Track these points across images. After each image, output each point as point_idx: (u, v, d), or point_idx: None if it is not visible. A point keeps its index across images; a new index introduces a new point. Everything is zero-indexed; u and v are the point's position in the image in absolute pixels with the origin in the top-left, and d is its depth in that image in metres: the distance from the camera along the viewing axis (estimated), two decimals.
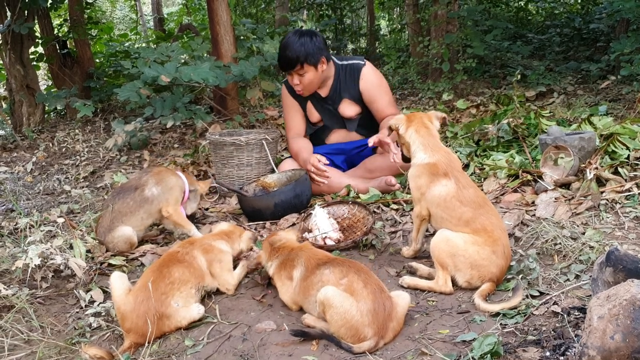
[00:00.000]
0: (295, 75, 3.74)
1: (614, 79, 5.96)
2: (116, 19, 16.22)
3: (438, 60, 6.65)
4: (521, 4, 11.61)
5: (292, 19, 9.96)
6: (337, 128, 4.06)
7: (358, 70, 3.89)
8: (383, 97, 3.90)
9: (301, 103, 4.01)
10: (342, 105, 3.95)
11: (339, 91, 3.92)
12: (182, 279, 2.36)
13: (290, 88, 3.98)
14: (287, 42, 3.69)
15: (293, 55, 3.65)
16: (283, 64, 3.73)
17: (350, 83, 3.90)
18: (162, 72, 4.55)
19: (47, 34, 6.56)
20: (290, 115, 4.06)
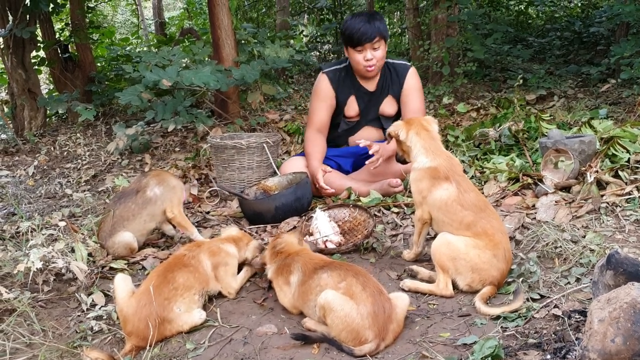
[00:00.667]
0: (369, 50, 3.71)
1: (614, 82, 5.97)
2: (117, 23, 16.26)
3: (438, 64, 6.66)
4: (521, 7, 11.64)
5: (293, 23, 9.99)
6: (370, 125, 4.05)
7: (405, 71, 3.95)
8: (417, 102, 3.95)
9: (342, 97, 3.95)
10: (385, 101, 3.96)
11: (385, 87, 3.94)
12: (186, 285, 2.36)
13: (334, 78, 3.93)
14: (362, 18, 3.68)
15: (374, 26, 3.64)
16: (360, 36, 3.65)
17: (396, 81, 3.93)
18: (163, 76, 4.56)
19: (49, 38, 6.58)
20: (320, 106, 3.97)
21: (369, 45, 3.69)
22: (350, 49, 3.76)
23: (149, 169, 4.76)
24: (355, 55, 3.75)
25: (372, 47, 3.70)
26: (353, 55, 3.76)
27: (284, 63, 5.78)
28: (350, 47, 3.75)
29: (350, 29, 3.68)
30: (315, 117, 3.99)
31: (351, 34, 3.68)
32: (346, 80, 3.95)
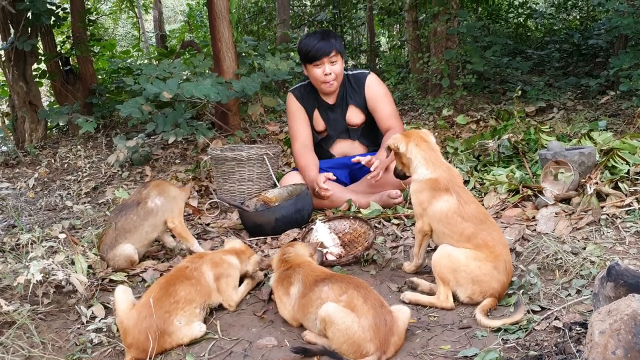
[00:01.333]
0: (327, 65, 3.78)
1: (613, 94, 5.99)
2: (118, 36, 16.33)
3: (438, 76, 6.69)
4: (520, 20, 11.71)
5: (293, 36, 10.04)
6: (341, 138, 4.09)
7: (363, 79, 4.00)
8: (387, 106, 3.99)
9: (308, 110, 4.04)
10: (349, 112, 4.01)
11: (345, 98, 4.00)
12: (187, 299, 2.36)
13: (298, 95, 4.03)
14: (314, 35, 3.82)
15: (328, 42, 3.75)
16: (317, 51, 3.74)
17: (356, 91, 3.99)
18: (164, 88, 4.59)
19: (50, 50, 6.61)
20: (297, 123, 4.06)
21: (326, 60, 3.78)
22: (308, 65, 3.84)
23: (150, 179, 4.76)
24: (314, 70, 3.84)
25: (329, 61, 3.78)
26: (312, 71, 3.85)
27: (284, 75, 5.81)
28: (308, 63, 3.82)
29: (307, 46, 3.79)
30: (296, 134, 4.06)
31: (308, 50, 3.79)
32: (310, 95, 4.05)
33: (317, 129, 4.08)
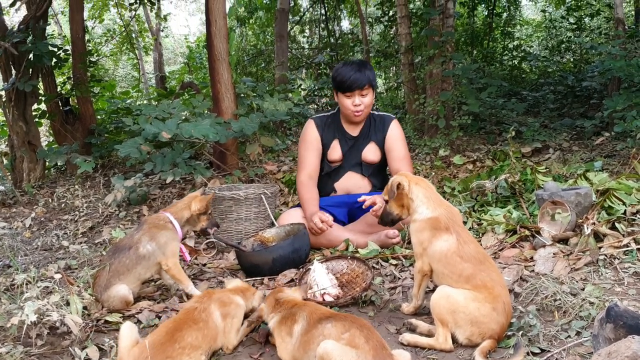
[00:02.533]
0: (357, 97, 3.85)
1: (608, 135, 6.05)
2: (118, 77, 16.54)
3: (434, 117, 6.76)
4: (515, 62, 11.91)
5: (292, 77, 10.19)
6: (353, 171, 4.11)
7: (389, 121, 4.13)
8: (402, 149, 4.09)
9: (327, 140, 4.08)
10: (368, 147, 4.07)
11: (368, 134, 4.06)
12: (193, 345, 2.30)
13: (320, 123, 4.09)
14: (352, 66, 3.87)
15: (364, 74, 3.83)
16: (352, 83, 3.82)
17: (379, 130, 4.08)
18: (163, 128, 4.62)
19: (51, 91, 6.68)
20: (309, 151, 4.10)
21: (358, 92, 3.85)
22: (340, 94, 3.93)
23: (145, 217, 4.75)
24: (345, 100, 3.91)
25: (360, 93, 3.85)
26: (342, 100, 3.92)
27: (283, 116, 5.88)
28: (340, 92, 3.90)
29: (342, 76, 3.85)
30: (305, 163, 4.08)
31: (342, 81, 3.86)
32: (332, 125, 4.10)
33: (331, 158, 4.10)
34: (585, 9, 12.08)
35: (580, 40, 11.04)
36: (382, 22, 12.48)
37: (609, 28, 12.09)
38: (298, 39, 14.83)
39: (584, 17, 12.14)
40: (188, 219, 3.30)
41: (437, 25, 7.03)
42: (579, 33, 11.96)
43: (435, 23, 7.05)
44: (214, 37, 5.57)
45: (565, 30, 13.00)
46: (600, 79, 8.06)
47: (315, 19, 14.60)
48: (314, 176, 4.08)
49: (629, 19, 12.83)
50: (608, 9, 12.01)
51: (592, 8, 12.14)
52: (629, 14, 13.24)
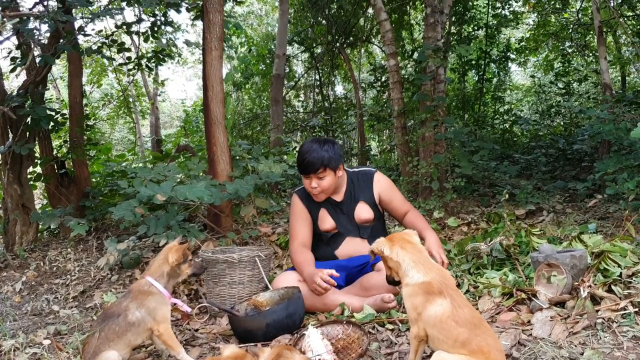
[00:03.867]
0: (314, 179, 3.87)
1: (600, 197, 6.10)
2: (115, 140, 16.72)
3: (427, 179, 6.82)
4: (506, 126, 12.13)
5: (287, 140, 10.32)
6: (351, 236, 4.09)
7: (371, 176, 4.13)
8: (397, 195, 4.15)
9: (313, 211, 4.07)
10: (358, 208, 4.05)
11: (354, 194, 4.07)
12: None
13: (303, 195, 4.09)
14: (310, 147, 3.88)
15: (317, 158, 3.83)
16: (305, 166, 3.85)
17: (364, 187, 4.08)
18: (158, 190, 4.64)
19: (47, 154, 6.72)
20: (298, 223, 4.09)
21: (313, 175, 3.87)
22: (300, 174, 3.98)
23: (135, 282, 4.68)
24: (304, 180, 4.00)
25: (317, 176, 3.88)
26: (303, 179, 4.01)
27: (277, 177, 5.91)
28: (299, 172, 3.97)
29: (300, 157, 3.92)
30: (296, 233, 4.09)
31: (299, 163, 3.95)
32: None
33: (324, 227, 4.08)
34: (573, 75, 12.43)
35: (570, 105, 11.31)
36: (374, 87, 12.81)
37: (597, 93, 12.42)
38: (293, 103, 15.14)
39: (572, 83, 12.48)
40: (169, 272, 3.24)
41: (429, 90, 7.20)
42: (568, 97, 12.26)
43: (427, 88, 7.22)
44: (210, 102, 5.68)
45: (554, 94, 13.34)
46: (591, 142, 8.21)
47: (309, 84, 14.97)
48: (306, 244, 4.07)
49: (616, 84, 13.21)
50: (595, 74, 12.37)
51: (580, 74, 12.50)
52: (615, 80, 13.63)
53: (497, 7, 12.48)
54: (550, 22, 13.25)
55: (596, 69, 11.55)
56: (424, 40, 7.49)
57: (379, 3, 7.99)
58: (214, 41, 5.70)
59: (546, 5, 12.55)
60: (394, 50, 7.97)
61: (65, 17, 5.49)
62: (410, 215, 4.08)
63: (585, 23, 11.86)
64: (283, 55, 10.30)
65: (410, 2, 12.29)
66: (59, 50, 5.95)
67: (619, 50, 13.25)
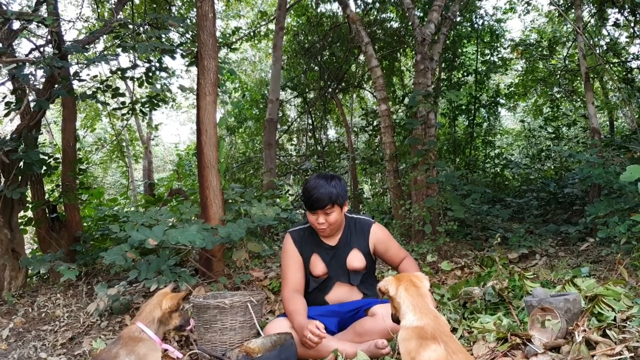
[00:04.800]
0: (321, 215, 3.82)
1: (592, 241, 6.11)
2: (107, 184, 16.71)
3: (420, 222, 6.83)
4: (497, 170, 12.24)
5: (279, 183, 10.34)
6: (341, 281, 4.04)
7: (368, 226, 4.07)
8: (393, 245, 4.10)
9: (305, 254, 4.01)
10: (350, 255, 4.00)
11: (349, 241, 4.02)
12: None
13: (296, 237, 4.04)
14: (318, 183, 3.84)
15: (325, 194, 3.78)
16: (313, 202, 3.80)
17: (360, 236, 4.04)
18: (149, 235, 4.61)
19: (39, 198, 6.69)
20: (290, 266, 4.02)
21: (320, 211, 3.84)
22: (306, 210, 3.92)
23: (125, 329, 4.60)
24: (310, 216, 3.92)
25: (324, 212, 3.85)
26: (309, 215, 3.94)
27: (270, 221, 5.90)
28: (306, 209, 3.92)
29: (306, 193, 3.88)
30: (288, 277, 4.01)
31: (306, 199, 3.88)
32: (309, 238, 4.06)
33: (315, 272, 4.02)
34: (562, 120, 12.64)
35: (559, 149, 11.45)
36: (366, 131, 12.95)
37: (586, 137, 12.60)
38: (286, 146, 15.25)
39: (562, 127, 12.67)
40: (160, 318, 3.20)
41: (420, 134, 7.29)
42: (557, 142, 12.43)
43: (418, 132, 7.31)
44: (204, 145, 5.71)
45: (544, 139, 13.52)
46: (581, 186, 8.28)
47: (302, 128, 15.12)
48: (299, 289, 4.00)
49: (605, 128, 13.43)
50: (584, 119, 12.57)
51: (569, 118, 12.71)
52: (604, 124, 13.86)
53: (486, 54, 12.77)
54: (538, 68, 13.54)
55: (584, 113, 11.75)
56: (415, 86, 7.62)
57: (370, 50, 8.15)
58: (208, 86, 5.78)
59: (534, 52, 12.85)
60: (385, 96, 8.10)
61: (61, 62, 5.57)
62: (404, 262, 4.04)
63: (573, 69, 12.13)
64: (276, 100, 10.44)
65: (401, 50, 12.55)
66: (53, 95, 6.00)
67: (606, 96, 13.52)
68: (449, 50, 11.78)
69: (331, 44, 12.60)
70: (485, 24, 12.61)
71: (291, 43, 13.38)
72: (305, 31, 13.16)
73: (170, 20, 6.57)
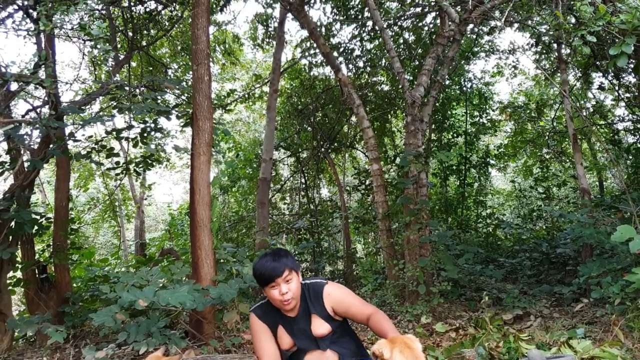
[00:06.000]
0: (282, 284, 3.72)
1: (587, 301, 6.08)
2: (98, 244, 16.57)
3: (414, 282, 6.78)
4: (489, 230, 12.27)
5: (272, 242, 10.29)
6: (311, 350, 3.95)
7: (321, 290, 3.91)
8: (354, 302, 3.90)
9: (272, 328, 3.92)
10: (313, 323, 3.89)
11: (308, 309, 3.91)
12: None
13: (260, 313, 3.93)
14: (267, 258, 3.76)
15: (280, 263, 3.70)
16: (270, 273, 3.68)
17: (316, 302, 3.91)
18: (140, 296, 4.56)
19: (29, 258, 6.62)
20: (261, 341, 3.89)
21: (280, 280, 3.77)
22: (265, 288, 3.82)
23: None
24: (271, 292, 3.79)
25: (284, 280, 3.77)
26: (269, 293, 3.80)
27: None
28: (264, 286, 3.82)
29: (260, 269, 3.78)
30: (262, 353, 3.87)
31: (262, 273, 3.77)
32: (271, 312, 3.94)
33: (284, 347, 3.91)
34: (552, 180, 12.78)
35: (550, 209, 11.53)
36: (359, 190, 13.03)
37: (576, 197, 12.72)
38: (279, 205, 15.28)
39: (552, 187, 12.80)
40: None
41: (412, 193, 7.34)
42: (548, 202, 12.52)
43: (410, 192, 7.37)
44: (197, 205, 5.73)
45: (535, 199, 13.62)
46: (573, 246, 8.30)
47: (295, 187, 15.19)
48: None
49: (594, 189, 13.57)
50: (573, 179, 12.73)
51: (559, 179, 12.85)
52: (593, 184, 14.03)
53: (475, 116, 13.04)
54: (527, 130, 13.80)
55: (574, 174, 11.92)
56: (406, 146, 7.74)
57: (361, 112, 8.32)
58: (203, 146, 5.85)
59: (522, 114, 13.14)
60: (377, 155, 8.20)
61: (57, 123, 5.64)
62: (374, 318, 3.76)
63: (561, 131, 12.37)
64: (270, 159, 10.54)
65: (391, 111, 12.81)
66: (48, 155, 6.05)
67: (594, 157, 13.74)
68: (439, 112, 12.04)
69: (324, 105, 12.85)
70: (473, 86, 12.93)
71: (285, 104, 13.64)
72: (299, 93, 13.44)
73: (166, 82, 6.72)
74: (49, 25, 4.69)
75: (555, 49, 9.51)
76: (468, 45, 11.92)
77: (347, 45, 11.69)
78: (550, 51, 10.51)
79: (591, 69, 10.57)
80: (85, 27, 5.01)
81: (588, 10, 4.57)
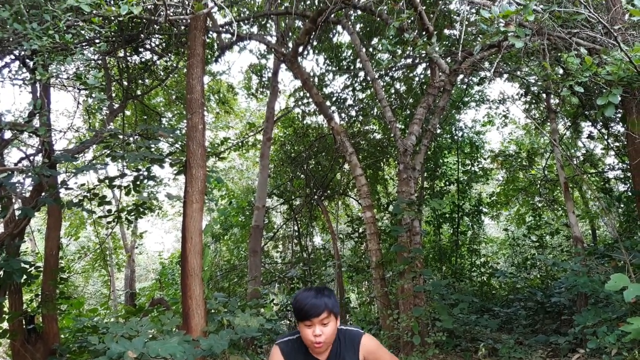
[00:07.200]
0: (318, 326, 3.63)
1: (583, 352, 5.99)
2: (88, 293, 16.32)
3: (409, 333, 6.68)
4: (484, 278, 12.20)
5: (264, 292, 10.17)
6: None
7: (358, 338, 3.87)
8: (384, 354, 3.86)
9: None
10: None
11: (339, 354, 3.83)
12: None
13: (285, 349, 3.84)
14: (310, 293, 3.66)
15: (321, 302, 3.61)
16: (308, 311, 3.59)
17: (350, 349, 3.84)
18: (129, 347, 4.46)
19: (16, 309, 6.49)
20: None
21: (317, 321, 3.69)
22: (300, 323, 3.76)
23: None
24: (305, 330, 3.72)
25: (320, 322, 3.69)
26: (303, 330, 3.72)
27: (254, 332, 5.74)
28: (300, 321, 3.75)
29: (299, 303, 3.71)
30: None
31: (300, 308, 3.70)
32: (299, 351, 3.87)
33: None
34: (545, 228, 12.79)
35: (544, 258, 11.50)
36: (352, 238, 12.99)
37: (569, 246, 12.70)
38: (271, 254, 15.17)
39: (545, 235, 12.80)
40: None
41: (405, 241, 7.32)
42: (541, 250, 12.50)
43: (403, 240, 7.35)
44: (188, 253, 5.68)
45: (528, 247, 13.60)
46: (568, 295, 8.24)
47: (288, 235, 15.12)
48: None
49: (587, 237, 13.59)
50: (566, 227, 12.75)
51: (551, 227, 12.87)
52: (586, 232, 14.05)
53: (467, 164, 13.15)
54: (518, 178, 13.91)
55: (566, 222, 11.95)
56: (398, 194, 7.76)
57: (354, 160, 8.37)
58: (195, 194, 5.84)
59: (513, 162, 13.26)
60: (370, 203, 8.21)
61: (50, 171, 5.63)
62: None
63: (552, 179, 12.48)
64: (263, 207, 10.52)
65: (384, 159, 12.91)
66: (40, 203, 6.01)
67: (586, 205, 13.81)
68: (431, 160, 12.14)
69: (317, 153, 12.95)
70: (465, 135, 13.10)
71: (278, 152, 13.73)
72: (292, 141, 13.55)
73: (160, 130, 6.76)
74: (45, 74, 4.74)
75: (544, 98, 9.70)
76: (458, 95, 12.13)
77: (339, 94, 11.88)
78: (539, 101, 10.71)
79: (580, 118, 10.75)
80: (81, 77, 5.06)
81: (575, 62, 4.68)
